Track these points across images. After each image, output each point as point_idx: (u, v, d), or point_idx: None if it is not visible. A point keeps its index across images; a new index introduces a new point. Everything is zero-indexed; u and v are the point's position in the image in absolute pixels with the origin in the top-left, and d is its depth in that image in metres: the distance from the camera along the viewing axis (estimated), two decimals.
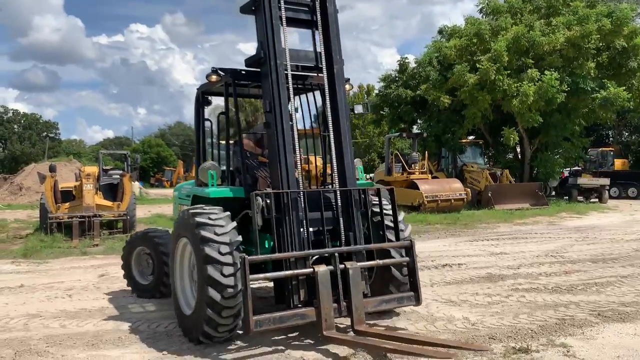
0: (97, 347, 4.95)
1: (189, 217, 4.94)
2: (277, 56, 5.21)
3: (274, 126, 5.17)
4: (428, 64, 23.97)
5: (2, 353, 4.80)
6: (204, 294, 4.63)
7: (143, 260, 7.07)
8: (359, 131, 53.33)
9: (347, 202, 5.31)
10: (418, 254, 9.48)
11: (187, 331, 5.06)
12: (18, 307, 6.54)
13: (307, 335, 5.08)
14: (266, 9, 5.21)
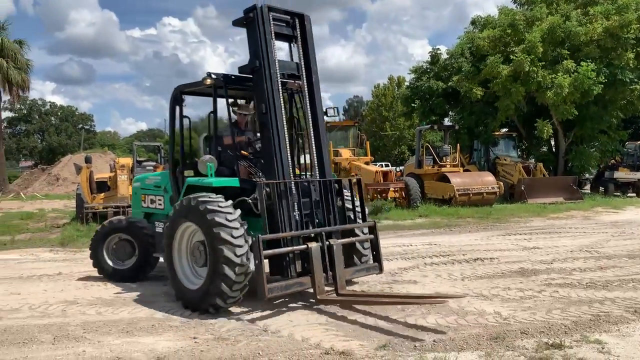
0: (132, 334, 5.07)
1: (199, 204, 5.65)
2: (270, 65, 6.06)
3: (270, 126, 6.00)
4: (460, 55, 23.62)
5: (42, 338, 4.96)
6: (218, 271, 5.42)
7: (119, 247, 7.45)
8: (389, 124, 52.99)
9: (327, 190, 6.27)
10: (449, 247, 9.39)
11: (190, 303, 5.79)
12: (56, 294, 6.75)
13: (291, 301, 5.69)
14: (259, 25, 6.04)
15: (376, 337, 4.89)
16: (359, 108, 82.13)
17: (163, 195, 7.44)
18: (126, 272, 7.37)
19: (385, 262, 8.44)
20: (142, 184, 7.79)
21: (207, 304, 5.60)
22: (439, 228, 13.14)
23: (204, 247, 5.82)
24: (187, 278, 6.05)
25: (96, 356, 4.49)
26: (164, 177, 7.55)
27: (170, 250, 6.15)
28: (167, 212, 7.14)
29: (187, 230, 6.07)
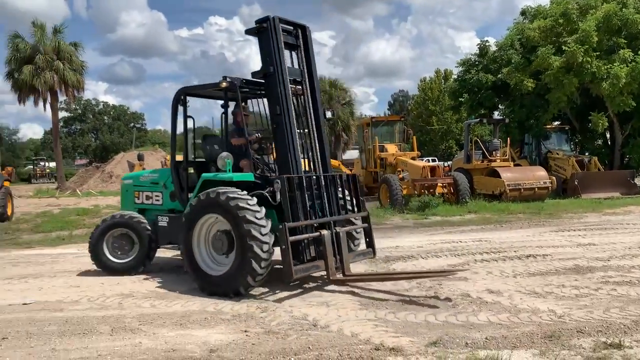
0: (185, 327, 5.21)
1: (228, 200, 6.18)
2: (283, 71, 6.68)
3: (284, 125, 6.65)
4: (510, 46, 23.00)
5: (101, 329, 5.15)
6: (246, 264, 6.06)
7: (118, 242, 7.73)
8: (436, 118, 52.30)
9: (331, 184, 6.96)
10: (500, 244, 9.23)
11: (216, 288, 6.34)
12: (113, 286, 6.99)
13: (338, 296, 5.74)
14: (272, 35, 6.67)
15: (426, 333, 4.85)
16: (404, 102, 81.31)
17: (162, 192, 7.88)
18: (126, 265, 7.66)
19: (434, 258, 8.42)
20: (136, 181, 8.26)
21: (230, 289, 6.23)
22: (489, 224, 12.88)
23: (226, 237, 6.40)
24: (207, 266, 6.58)
25: (152, 347, 4.63)
26: (162, 174, 8.04)
27: (190, 240, 6.58)
28: (166, 207, 7.84)
29: (208, 221, 6.58)
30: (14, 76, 31.36)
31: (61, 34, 32.77)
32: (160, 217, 7.72)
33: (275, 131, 6.80)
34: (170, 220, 7.60)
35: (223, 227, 6.49)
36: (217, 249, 6.57)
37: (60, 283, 7.23)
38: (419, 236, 11.15)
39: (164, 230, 7.66)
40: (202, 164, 7.72)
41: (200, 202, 6.51)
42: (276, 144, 6.87)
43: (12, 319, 5.54)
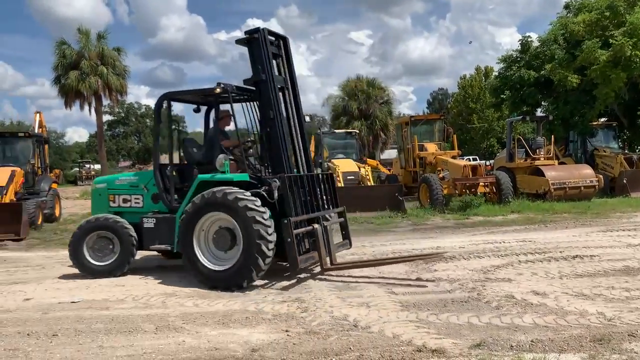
0: (227, 326, 5.26)
1: (237, 200, 6.59)
2: (274, 79, 7.29)
3: (277, 128, 7.22)
4: (553, 41, 22.38)
5: (145, 327, 5.26)
6: (252, 259, 6.54)
7: (98, 244, 7.70)
8: (476, 116, 51.44)
9: (319, 182, 7.68)
10: (544, 244, 9.03)
11: (219, 283, 6.72)
12: (156, 285, 7.13)
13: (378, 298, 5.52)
14: (262, 45, 7.23)
15: (469, 335, 4.76)
16: (443, 101, 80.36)
17: (142, 194, 7.94)
18: (107, 267, 7.64)
19: (476, 259, 8.27)
20: (110, 184, 8.21)
21: (235, 283, 6.65)
22: (533, 224, 12.56)
23: (229, 234, 6.78)
24: (208, 261, 6.91)
25: (195, 346, 4.70)
26: (142, 177, 8.09)
27: (191, 237, 6.89)
28: (147, 210, 7.88)
29: (210, 219, 6.91)
30: (61, 81, 32.52)
31: (105, 40, 33.82)
32: (146, 219, 7.66)
33: (268, 134, 7.31)
34: (158, 222, 7.60)
35: (225, 224, 6.86)
36: (218, 245, 6.92)
37: (106, 282, 7.41)
38: (461, 236, 10.97)
39: (150, 232, 7.61)
40: (184, 166, 8.07)
41: (204, 200, 6.82)
42: (270, 145, 7.35)
43: (62, 317, 5.72)
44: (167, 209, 7.63)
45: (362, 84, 38.69)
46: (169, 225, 7.39)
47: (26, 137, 16.43)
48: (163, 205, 7.69)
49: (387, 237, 11.26)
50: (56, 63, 32.51)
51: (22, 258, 10.02)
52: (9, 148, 16.24)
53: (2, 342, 4.93)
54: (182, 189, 7.64)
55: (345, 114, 37.74)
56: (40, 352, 4.65)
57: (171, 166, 7.79)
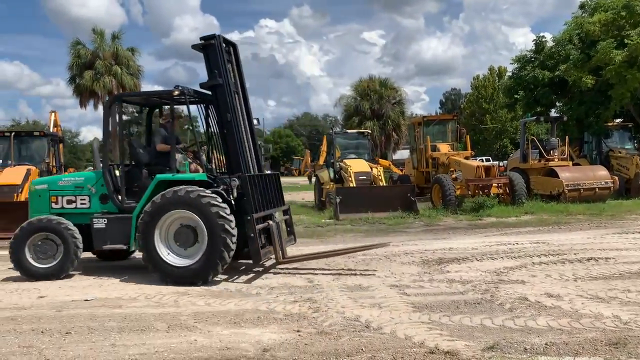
0: (239, 325, 5.26)
1: (200, 198, 6.94)
2: (230, 83, 7.58)
3: (235, 131, 7.52)
4: (568, 41, 22.12)
5: (157, 326, 5.28)
6: (217, 253, 6.90)
7: (41, 246, 7.59)
8: (489, 116, 51.05)
9: (269, 181, 8.14)
10: (559, 246, 8.94)
11: (177, 278, 7.02)
12: (169, 285, 7.15)
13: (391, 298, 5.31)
14: (218, 51, 7.49)
15: (482, 337, 4.72)
16: (456, 101, 79.98)
17: (89, 195, 7.89)
18: (49, 270, 7.55)
19: (489, 260, 8.22)
20: (52, 186, 8.09)
21: (201, 277, 6.97)
22: (547, 225, 12.45)
23: (192, 231, 7.09)
24: (174, 258, 7.15)
25: (207, 345, 4.70)
26: (88, 179, 8.05)
27: (152, 235, 7.08)
28: (94, 210, 7.85)
29: (170, 217, 7.14)
30: (76, 81, 32.77)
31: (119, 40, 33.99)
32: (97, 220, 7.66)
33: (226, 136, 7.59)
34: (110, 222, 7.64)
35: (186, 222, 7.15)
36: (179, 242, 7.18)
37: (118, 280, 7.45)
38: (474, 238, 10.90)
39: (102, 232, 7.63)
40: (132, 167, 8.10)
41: (166, 199, 7.06)
42: (227, 146, 7.64)
43: (75, 315, 5.76)
44: (117, 209, 7.72)
45: (374, 84, 38.57)
46: (123, 225, 7.50)
47: (41, 136, 16.60)
48: (112, 206, 7.75)
49: (399, 237, 11.21)
50: (71, 63, 32.77)
51: None
52: (24, 147, 16.39)
53: (17, 339, 4.97)
54: (131, 190, 7.76)
55: (358, 114, 37.64)
56: (53, 350, 4.68)
57: (122, 167, 7.89)
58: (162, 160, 7.86)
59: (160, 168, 7.72)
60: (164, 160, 7.81)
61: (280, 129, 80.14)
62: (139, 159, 8.13)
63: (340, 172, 17.36)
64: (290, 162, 66.53)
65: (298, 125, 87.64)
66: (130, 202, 7.64)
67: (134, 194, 7.70)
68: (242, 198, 7.32)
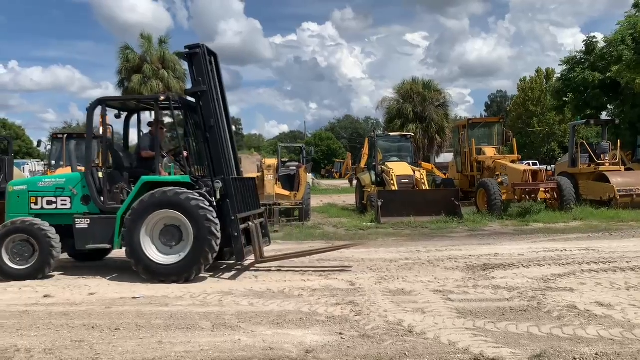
0: (282, 326, 5.30)
1: (189, 200, 7.26)
2: (214, 89, 7.89)
3: (218, 135, 7.73)
4: (621, 42, 21.44)
5: (202, 325, 5.38)
6: (202, 253, 7.25)
7: (18, 248, 7.69)
8: (537, 119, 49.90)
9: (248, 185, 8.48)
10: (609, 253, 8.68)
11: (160, 276, 7.32)
12: (213, 284, 7.29)
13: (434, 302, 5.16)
14: (203, 60, 7.77)
15: (529, 345, 4.61)
16: (502, 103, 78.43)
17: (70, 196, 7.99)
18: (24, 271, 7.64)
19: (536, 267, 8.02)
20: (32, 187, 8.17)
21: (184, 276, 7.28)
22: (597, 232, 12.05)
23: (177, 231, 7.42)
24: (158, 257, 7.41)
25: (250, 345, 4.76)
26: (69, 180, 8.14)
27: (138, 234, 7.33)
28: (75, 211, 7.95)
29: (156, 217, 7.41)
30: (124, 85, 33.76)
31: (166, 44, 34.83)
32: (79, 220, 7.82)
33: (209, 140, 7.74)
34: (93, 222, 7.80)
35: (170, 222, 7.44)
36: (165, 241, 7.46)
37: None
38: (520, 244, 10.65)
39: (84, 232, 7.80)
40: (113, 169, 8.31)
41: (155, 199, 7.36)
42: (210, 150, 7.77)
43: (124, 312, 5.93)
44: (99, 210, 7.88)
45: (417, 87, 38.19)
46: (106, 225, 7.71)
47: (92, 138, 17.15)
48: (94, 207, 7.90)
49: (442, 242, 11.07)
50: (120, 67, 33.78)
51: None
52: (76, 148, 16.99)
53: (70, 334, 5.15)
54: (112, 191, 7.96)
55: (400, 116, 37.33)
56: (104, 345, 4.83)
57: (105, 169, 8.17)
58: (145, 163, 8.21)
59: (142, 171, 7.98)
60: (147, 164, 8.14)
61: (322, 132, 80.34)
62: (120, 163, 8.35)
63: (382, 175, 17.26)
64: (332, 164, 66.58)
65: (339, 128, 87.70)
66: (112, 204, 7.88)
67: (114, 196, 7.96)
68: (225, 200, 7.59)
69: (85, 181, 7.96)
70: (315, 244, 10.78)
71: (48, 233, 7.70)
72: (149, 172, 7.90)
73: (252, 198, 8.55)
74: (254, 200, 8.62)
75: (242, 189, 8.13)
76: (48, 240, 7.67)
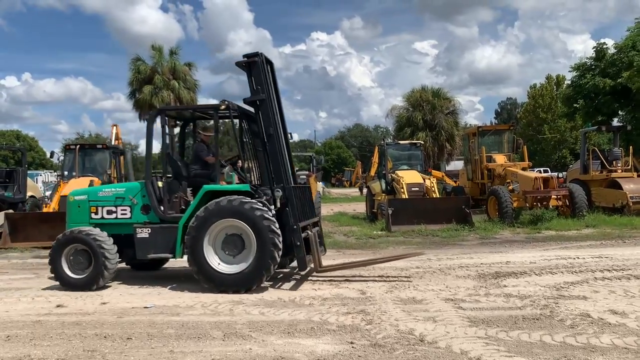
0: (293, 335, 5.30)
1: (253, 210, 7.21)
2: (273, 98, 7.96)
3: (277, 143, 7.76)
4: (631, 48, 21.33)
5: (214, 334, 5.39)
6: (264, 264, 7.17)
7: (75, 257, 7.69)
8: (547, 126, 49.61)
9: (305, 193, 8.50)
10: (623, 261, 8.61)
11: (223, 285, 7.24)
12: (224, 294, 7.28)
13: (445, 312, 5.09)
14: (262, 67, 7.79)
15: (542, 354, 4.57)
16: (512, 111, 78.14)
17: (130, 206, 7.98)
18: (81, 281, 7.62)
19: (549, 275, 7.96)
20: (92, 196, 8.18)
21: (246, 286, 7.20)
22: (610, 239, 11.94)
23: (239, 240, 7.35)
24: (216, 266, 7.34)
25: (261, 354, 4.76)
26: (129, 189, 8.12)
27: (202, 243, 7.28)
28: (135, 220, 7.94)
29: (221, 224, 7.35)
30: (135, 96, 34.06)
31: (176, 55, 35.12)
32: (140, 230, 7.79)
33: (268, 149, 7.75)
34: (154, 231, 7.78)
35: (232, 231, 7.39)
36: (227, 250, 7.40)
37: (176, 289, 7.65)
38: (532, 251, 10.58)
39: (145, 242, 7.77)
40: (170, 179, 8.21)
41: (220, 207, 7.30)
42: (270, 159, 7.78)
43: (135, 321, 5.95)
44: (159, 219, 7.86)
45: (427, 95, 38.18)
46: (168, 235, 7.70)
47: (104, 149, 17.35)
48: (153, 216, 7.88)
49: (453, 250, 11.02)
50: (131, 78, 34.09)
51: None
52: (88, 159, 17.16)
53: (82, 343, 5.18)
54: (171, 201, 7.95)
55: (410, 124, 37.32)
56: (116, 354, 4.86)
57: (166, 178, 8.16)
58: (203, 172, 8.19)
59: (200, 180, 7.95)
60: (205, 173, 8.14)
61: (332, 140, 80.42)
62: (179, 172, 8.28)
63: (392, 183, 17.24)
64: (342, 173, 66.58)
65: (349, 137, 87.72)
66: (171, 213, 7.86)
67: (173, 205, 7.93)
68: (284, 208, 7.57)
69: (145, 190, 7.95)
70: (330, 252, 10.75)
71: (103, 244, 7.62)
72: (207, 181, 7.84)
73: (308, 206, 8.52)
74: (310, 209, 8.56)
75: (300, 197, 8.13)
76: (102, 251, 7.58)
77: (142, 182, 8.12)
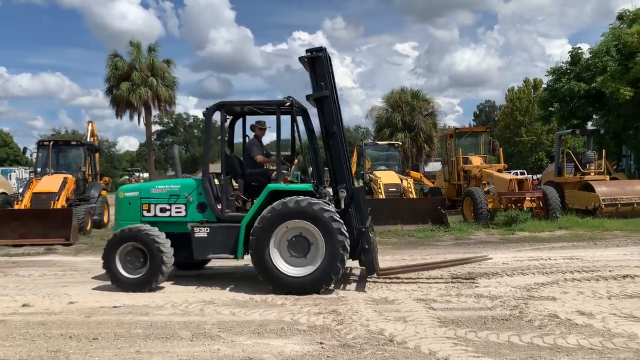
0: (262, 336, 5.26)
1: (323, 212, 6.94)
2: (336, 94, 7.63)
3: (339, 141, 7.49)
4: (605, 53, 21.72)
5: (182, 334, 5.32)
6: (334, 267, 6.91)
7: (130, 256, 7.35)
8: (524, 129, 50.25)
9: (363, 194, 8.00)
10: (593, 262, 8.71)
11: (288, 287, 6.98)
12: (196, 293, 7.23)
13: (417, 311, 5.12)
14: (325, 62, 7.49)
15: (509, 355, 4.61)
16: (490, 113, 78.98)
17: (185, 203, 7.61)
18: (136, 281, 7.31)
19: (520, 276, 8.04)
20: (144, 193, 7.81)
21: (314, 288, 6.96)
22: (582, 241, 12.12)
23: (306, 242, 7.08)
24: (282, 268, 7.06)
25: (229, 355, 4.72)
26: (184, 186, 7.72)
27: (268, 244, 7.02)
28: (190, 219, 7.59)
29: (287, 225, 7.09)
30: (113, 92, 33.66)
31: (155, 52, 34.83)
32: (198, 229, 7.47)
33: (331, 147, 7.51)
34: (212, 231, 7.45)
35: (298, 232, 7.11)
36: (294, 252, 7.12)
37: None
38: (505, 252, 10.68)
39: (204, 242, 7.44)
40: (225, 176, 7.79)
41: (287, 208, 7.02)
42: (332, 157, 7.53)
43: (103, 321, 5.86)
44: (216, 218, 7.53)
45: (406, 96, 38.39)
46: (227, 234, 7.37)
47: (78, 145, 17.05)
48: (210, 215, 7.54)
49: (428, 250, 11.08)
50: (109, 74, 33.68)
51: (71, 262, 10.36)
52: (62, 156, 16.85)
53: (46, 344, 5.08)
54: (227, 199, 7.63)
55: (389, 125, 37.48)
56: (80, 355, 4.77)
57: (224, 176, 7.72)
58: (262, 170, 8.06)
59: (256, 177, 7.84)
60: (263, 171, 8.02)
61: None
62: (235, 170, 8.03)
63: (369, 183, 17.29)
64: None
65: None
66: (228, 211, 7.55)
67: (229, 203, 7.63)
68: (347, 209, 7.38)
69: (201, 188, 7.59)
70: None
71: (162, 245, 7.27)
72: (264, 180, 7.65)
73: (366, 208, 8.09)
74: (366, 210, 8.03)
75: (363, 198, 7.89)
76: (161, 252, 7.24)
77: (197, 179, 7.73)
